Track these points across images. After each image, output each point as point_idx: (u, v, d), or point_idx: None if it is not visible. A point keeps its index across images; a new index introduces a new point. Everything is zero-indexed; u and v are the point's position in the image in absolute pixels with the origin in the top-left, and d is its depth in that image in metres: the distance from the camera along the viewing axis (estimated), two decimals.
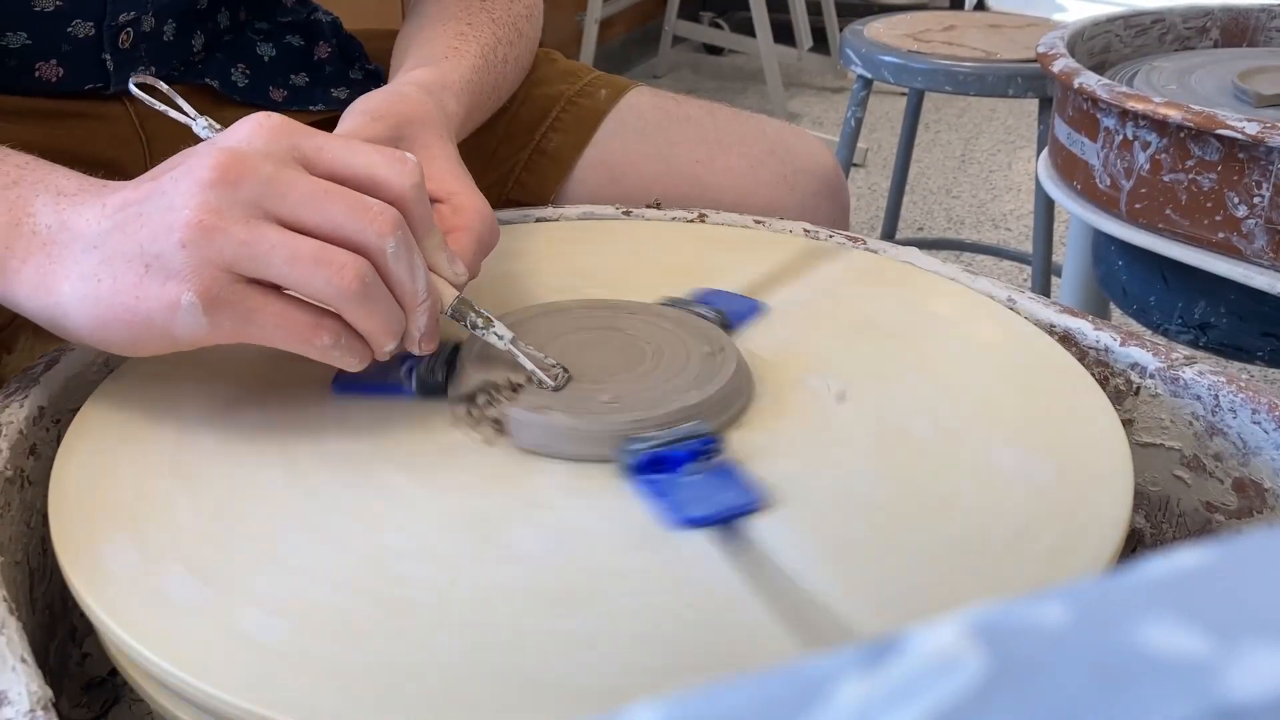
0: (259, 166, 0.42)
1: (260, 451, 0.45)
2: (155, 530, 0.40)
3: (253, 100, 0.73)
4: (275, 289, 0.43)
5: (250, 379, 0.50)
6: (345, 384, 0.49)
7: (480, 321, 0.48)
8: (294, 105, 0.75)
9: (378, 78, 0.78)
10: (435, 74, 0.62)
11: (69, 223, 0.43)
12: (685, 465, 0.44)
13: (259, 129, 0.44)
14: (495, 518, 0.42)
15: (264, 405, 0.48)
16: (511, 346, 0.48)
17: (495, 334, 0.48)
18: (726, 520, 0.41)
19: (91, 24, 0.64)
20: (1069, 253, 1.28)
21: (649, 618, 0.37)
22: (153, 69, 0.68)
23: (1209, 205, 0.88)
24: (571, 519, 0.42)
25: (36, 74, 0.64)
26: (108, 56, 0.65)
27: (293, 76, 0.76)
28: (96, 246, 0.42)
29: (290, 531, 0.41)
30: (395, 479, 0.44)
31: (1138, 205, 0.93)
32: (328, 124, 0.78)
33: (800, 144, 0.79)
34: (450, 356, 0.50)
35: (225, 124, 0.47)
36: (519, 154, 0.79)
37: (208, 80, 0.72)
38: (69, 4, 0.63)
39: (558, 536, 0.41)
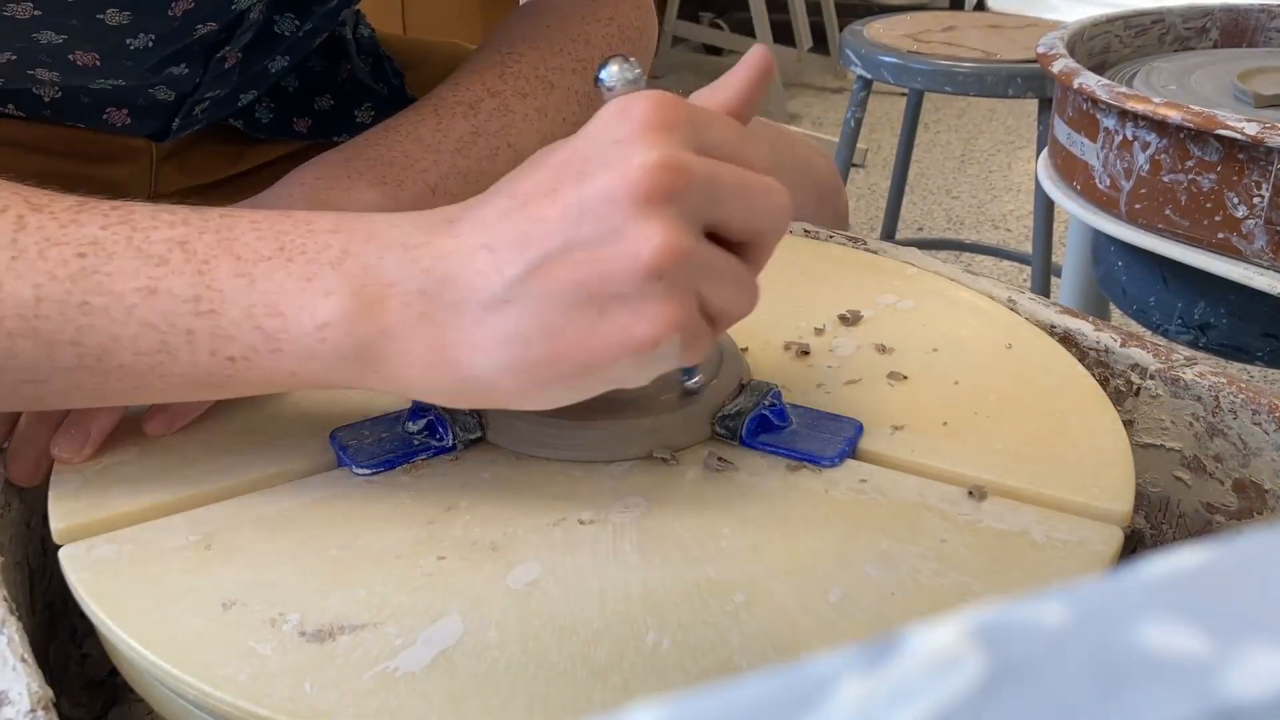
0: (696, 170, 0.34)
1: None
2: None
3: (276, 135, 0.73)
4: None
5: None
6: (365, 463, 0.44)
7: None
8: (318, 136, 0.74)
9: (402, 94, 0.76)
10: None
11: (454, 277, 0.35)
12: (785, 418, 0.46)
13: (659, 118, 0.34)
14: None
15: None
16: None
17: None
18: (854, 447, 0.46)
19: (174, 93, 0.64)
20: (1069, 253, 1.28)
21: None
22: (203, 123, 0.68)
23: (1209, 206, 0.88)
24: (761, 485, 0.44)
25: (105, 116, 0.64)
26: (178, 121, 0.66)
27: (317, 100, 0.74)
28: (508, 301, 0.34)
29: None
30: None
31: (1137, 206, 0.93)
32: None
33: (797, 150, 0.78)
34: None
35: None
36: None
37: (231, 120, 0.71)
38: (168, 82, 0.62)
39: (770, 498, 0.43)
